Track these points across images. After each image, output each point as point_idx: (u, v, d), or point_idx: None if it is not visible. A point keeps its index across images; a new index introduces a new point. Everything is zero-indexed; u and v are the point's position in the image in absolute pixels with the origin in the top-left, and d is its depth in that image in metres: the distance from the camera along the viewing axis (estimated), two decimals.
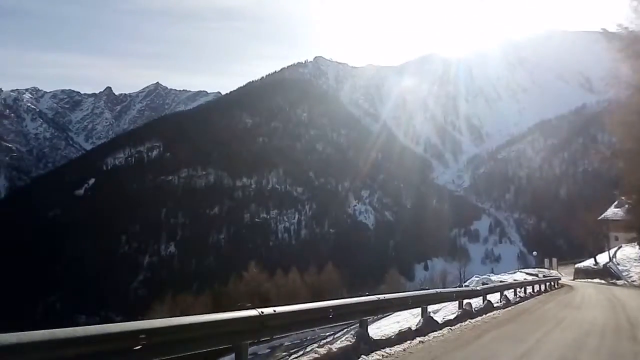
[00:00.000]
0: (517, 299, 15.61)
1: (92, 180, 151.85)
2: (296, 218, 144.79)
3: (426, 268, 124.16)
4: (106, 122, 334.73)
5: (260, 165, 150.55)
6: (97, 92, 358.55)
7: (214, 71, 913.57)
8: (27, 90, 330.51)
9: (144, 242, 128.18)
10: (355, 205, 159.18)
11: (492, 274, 35.48)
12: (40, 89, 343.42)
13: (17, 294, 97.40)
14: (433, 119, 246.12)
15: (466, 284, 23.35)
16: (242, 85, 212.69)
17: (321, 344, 9.98)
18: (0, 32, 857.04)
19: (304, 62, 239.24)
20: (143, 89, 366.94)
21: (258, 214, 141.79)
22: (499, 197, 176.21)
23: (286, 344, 12.72)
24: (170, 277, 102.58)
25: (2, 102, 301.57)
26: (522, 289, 18.25)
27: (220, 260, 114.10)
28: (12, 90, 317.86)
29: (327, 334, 12.54)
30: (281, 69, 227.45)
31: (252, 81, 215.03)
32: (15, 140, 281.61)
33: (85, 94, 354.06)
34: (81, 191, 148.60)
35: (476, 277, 24.91)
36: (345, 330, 11.42)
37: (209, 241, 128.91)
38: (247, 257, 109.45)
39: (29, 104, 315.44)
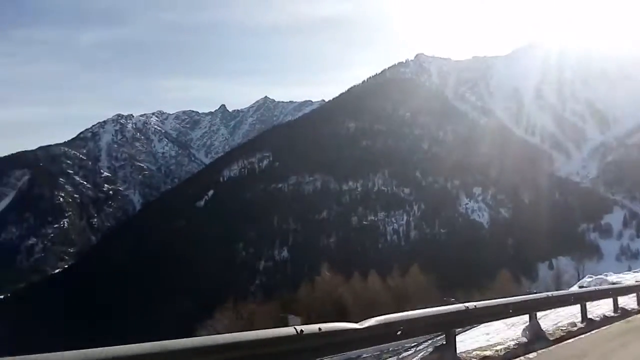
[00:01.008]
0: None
1: (211, 192, 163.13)
2: (405, 219, 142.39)
3: (551, 267, 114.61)
4: (222, 138, 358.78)
5: (366, 168, 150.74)
6: (213, 110, 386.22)
7: (317, 80, 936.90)
8: (153, 114, 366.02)
9: (259, 248, 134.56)
10: (467, 204, 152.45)
11: (627, 272, 31.31)
12: (164, 111, 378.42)
13: (149, 298, 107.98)
14: (549, 107, 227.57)
15: (581, 284, 20.68)
16: (344, 91, 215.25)
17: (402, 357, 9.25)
18: (128, 65, 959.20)
19: (404, 61, 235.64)
20: (253, 103, 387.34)
21: (365, 216, 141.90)
22: (633, 187, 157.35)
23: (364, 356, 11.81)
24: (284, 282, 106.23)
25: (134, 126, 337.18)
26: None
27: (331, 263, 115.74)
28: (141, 115, 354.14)
29: (410, 345, 11.34)
30: (382, 71, 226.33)
31: (354, 86, 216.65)
32: (146, 160, 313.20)
33: (203, 113, 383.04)
34: (202, 202, 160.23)
35: (588, 277, 21.98)
36: (430, 341, 10.21)
37: (319, 245, 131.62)
38: (356, 259, 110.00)
39: (155, 126, 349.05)
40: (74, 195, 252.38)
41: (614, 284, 17.07)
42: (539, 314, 8.31)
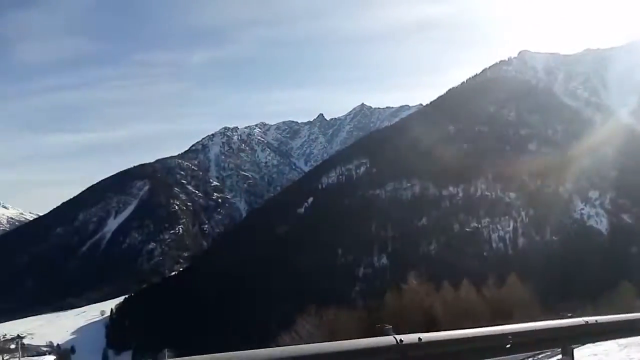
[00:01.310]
0: None
1: (310, 199, 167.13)
2: (511, 226, 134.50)
3: None
4: (321, 146, 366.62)
5: (467, 172, 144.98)
6: (311, 119, 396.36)
7: (413, 85, 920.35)
8: (256, 125, 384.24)
9: (358, 255, 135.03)
10: (583, 209, 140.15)
11: None
12: (266, 123, 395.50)
13: (253, 299, 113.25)
14: None
15: None
16: (442, 93, 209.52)
17: None
18: (233, 80, 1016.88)
19: (507, 59, 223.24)
20: (350, 111, 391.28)
21: (468, 223, 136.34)
22: None
23: None
24: (383, 289, 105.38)
25: (239, 137, 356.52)
26: None
27: (431, 271, 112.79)
28: (245, 127, 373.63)
29: None
30: (482, 71, 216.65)
31: (452, 88, 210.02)
32: (250, 169, 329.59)
33: (302, 123, 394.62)
34: (302, 209, 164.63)
35: None
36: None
37: (419, 252, 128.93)
38: (459, 267, 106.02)
39: (259, 137, 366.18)
40: (187, 204, 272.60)
41: None
42: None
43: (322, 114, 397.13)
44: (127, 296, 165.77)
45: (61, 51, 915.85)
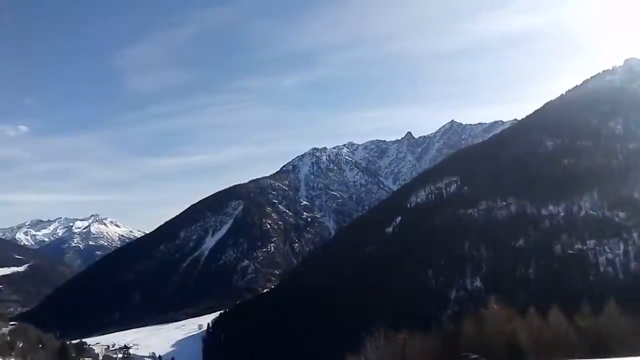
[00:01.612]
0: None
1: (398, 218, 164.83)
2: (621, 248, 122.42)
3: None
4: (409, 164, 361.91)
5: (569, 190, 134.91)
6: (399, 138, 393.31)
7: (506, 99, 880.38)
8: (344, 145, 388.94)
9: (449, 276, 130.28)
10: None
11: None
12: (354, 142, 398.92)
13: (340, 318, 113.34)
14: None
15: None
16: (538, 107, 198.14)
17: None
18: (322, 102, 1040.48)
19: (611, 68, 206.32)
20: (439, 128, 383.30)
21: (571, 244, 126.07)
22: None
23: None
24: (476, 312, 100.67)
25: (327, 158, 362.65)
26: None
27: (530, 295, 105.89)
28: (334, 147, 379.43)
29: None
30: (583, 82, 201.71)
31: (550, 101, 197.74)
32: (339, 189, 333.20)
33: (389, 142, 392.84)
34: (390, 229, 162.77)
35: None
36: None
37: (515, 275, 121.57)
38: (562, 292, 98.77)
39: (347, 157, 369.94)
40: (278, 223, 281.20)
41: None
42: None
43: (410, 132, 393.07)
44: (222, 311, 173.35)
45: (165, 81, 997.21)
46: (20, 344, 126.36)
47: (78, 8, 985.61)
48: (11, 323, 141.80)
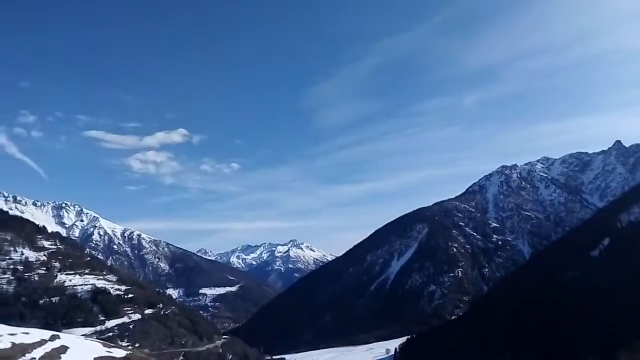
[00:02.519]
0: None
1: (606, 240, 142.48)
2: None
3: None
4: (620, 178, 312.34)
5: None
6: (605, 148, 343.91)
7: None
8: (538, 161, 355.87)
9: None
10: None
11: None
12: (549, 157, 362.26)
13: (540, 349, 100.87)
14: None
15: None
16: None
17: None
18: (507, 118, 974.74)
19: None
20: None
21: None
22: None
23: None
24: None
25: (518, 175, 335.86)
26: None
27: None
28: (525, 164, 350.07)
29: None
30: None
31: None
32: (533, 209, 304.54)
33: (593, 153, 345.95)
34: (596, 252, 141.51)
35: None
36: None
37: None
38: None
39: (541, 174, 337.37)
40: (465, 246, 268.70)
41: None
42: None
43: (619, 141, 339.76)
44: (409, 337, 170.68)
45: (349, 113, 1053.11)
46: (230, 356, 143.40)
47: (270, 57, 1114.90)
48: (223, 337, 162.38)
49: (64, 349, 39.91)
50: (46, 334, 43.85)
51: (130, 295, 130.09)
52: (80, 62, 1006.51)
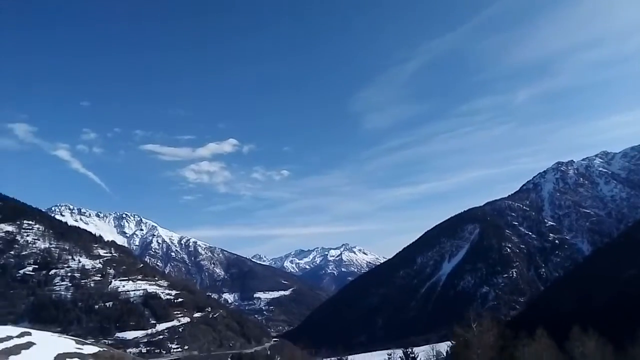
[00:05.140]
0: None
1: None
2: None
3: None
4: None
5: None
6: None
7: None
8: (596, 156, 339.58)
9: None
10: None
11: None
12: (609, 151, 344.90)
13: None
14: None
15: None
16: None
17: None
18: (559, 113, 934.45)
19: None
20: None
21: None
22: None
23: None
24: None
25: (575, 171, 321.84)
26: None
27: None
28: (583, 159, 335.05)
29: None
30: None
31: None
32: (592, 206, 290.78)
33: None
34: None
35: None
36: None
37: None
38: None
39: (600, 169, 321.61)
40: (520, 246, 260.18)
41: None
42: None
43: None
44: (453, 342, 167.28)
45: (395, 116, 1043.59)
46: (278, 358, 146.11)
47: (317, 66, 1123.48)
48: (274, 340, 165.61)
49: (28, 345, 39.82)
50: (16, 330, 44.24)
51: (180, 300, 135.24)
52: (135, 81, 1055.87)
